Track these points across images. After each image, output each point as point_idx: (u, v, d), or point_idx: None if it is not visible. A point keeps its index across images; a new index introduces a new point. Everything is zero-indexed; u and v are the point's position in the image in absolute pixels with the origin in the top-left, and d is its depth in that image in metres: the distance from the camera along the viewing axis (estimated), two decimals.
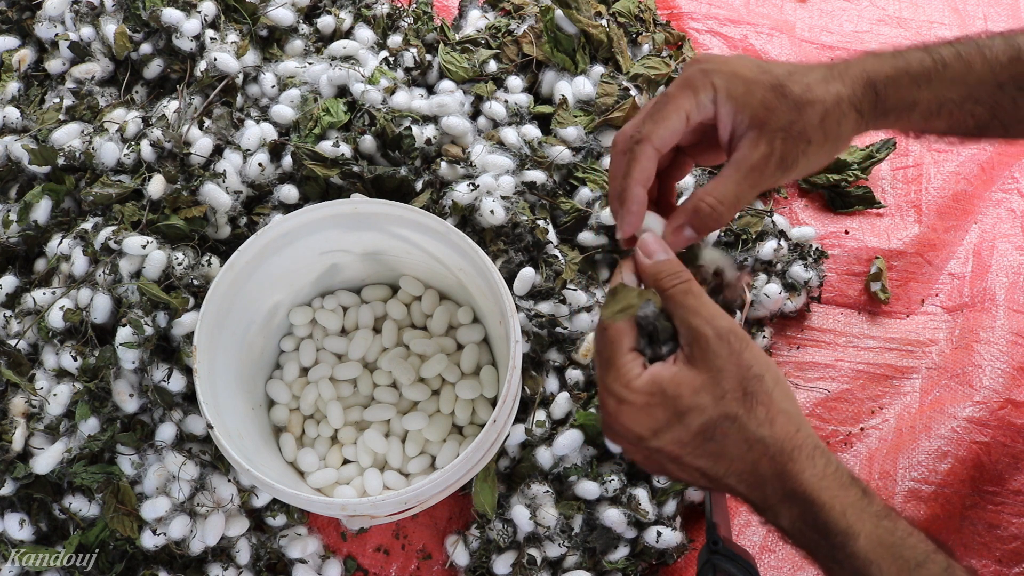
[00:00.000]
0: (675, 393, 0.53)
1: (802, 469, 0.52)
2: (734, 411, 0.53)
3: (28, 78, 1.01)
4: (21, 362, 0.84)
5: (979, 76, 0.58)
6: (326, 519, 0.88)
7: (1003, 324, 0.93)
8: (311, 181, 0.91)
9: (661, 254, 0.57)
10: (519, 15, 1.03)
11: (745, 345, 0.54)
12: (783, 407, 0.54)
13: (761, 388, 0.53)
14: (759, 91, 0.57)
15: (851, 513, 0.52)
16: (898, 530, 0.53)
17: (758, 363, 0.54)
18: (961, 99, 0.59)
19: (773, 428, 0.53)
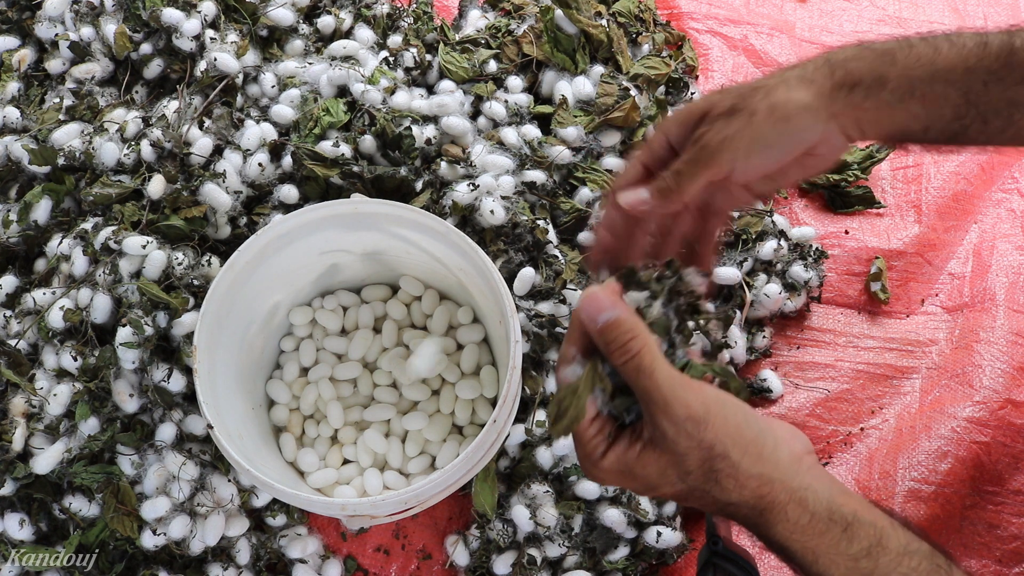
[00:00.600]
0: (642, 473, 0.54)
1: (774, 523, 0.53)
2: (701, 486, 0.54)
3: (28, 78, 1.01)
4: (21, 362, 0.84)
5: (947, 58, 0.57)
6: (326, 519, 0.88)
7: (1003, 324, 0.93)
8: (311, 181, 0.91)
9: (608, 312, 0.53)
10: (519, 15, 1.03)
11: (704, 427, 0.52)
12: (754, 472, 0.53)
13: (726, 464, 0.53)
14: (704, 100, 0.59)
15: (823, 560, 0.53)
16: (878, 569, 0.53)
17: (721, 439, 0.52)
18: (929, 77, 0.57)
19: (743, 493, 0.53)
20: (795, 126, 0.57)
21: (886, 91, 0.57)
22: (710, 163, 0.57)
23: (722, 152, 0.57)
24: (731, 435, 0.53)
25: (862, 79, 0.57)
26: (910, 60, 0.57)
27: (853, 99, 0.58)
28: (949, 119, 0.58)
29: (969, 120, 0.58)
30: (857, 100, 0.58)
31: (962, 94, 0.57)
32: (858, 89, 0.57)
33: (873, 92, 0.58)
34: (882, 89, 0.57)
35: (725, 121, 0.57)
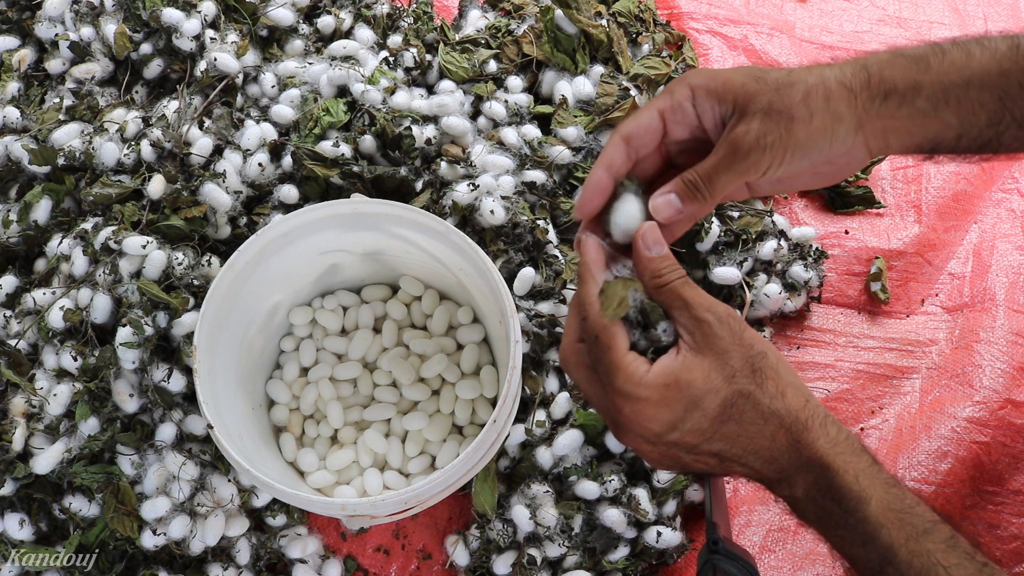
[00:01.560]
0: (688, 380, 0.54)
1: (816, 437, 0.54)
2: (747, 388, 0.54)
3: (28, 78, 1.01)
4: (21, 362, 0.84)
5: (980, 61, 0.57)
6: (326, 519, 0.88)
7: (1003, 324, 0.93)
8: (311, 181, 0.91)
9: (659, 247, 0.57)
10: (519, 15, 1.03)
11: (744, 327, 0.55)
12: (790, 380, 0.55)
13: (767, 364, 0.55)
14: (738, 79, 0.57)
15: (863, 478, 0.54)
16: (906, 498, 0.54)
17: (759, 342, 0.55)
18: (964, 82, 0.57)
19: (785, 400, 0.54)
20: (832, 138, 0.57)
21: (921, 98, 0.57)
22: (749, 171, 0.57)
23: (762, 161, 0.57)
24: (765, 341, 0.56)
25: (896, 87, 0.57)
26: (944, 66, 0.57)
27: (887, 109, 0.57)
28: (983, 126, 0.58)
29: (1004, 126, 0.58)
30: (890, 110, 0.57)
31: (997, 99, 0.57)
32: (892, 97, 0.57)
33: (907, 100, 0.57)
34: (917, 96, 0.57)
35: (763, 123, 0.56)
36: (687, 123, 0.60)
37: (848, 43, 1.12)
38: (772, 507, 0.88)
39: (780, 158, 0.57)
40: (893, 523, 0.53)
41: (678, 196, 0.58)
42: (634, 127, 0.59)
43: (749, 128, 0.56)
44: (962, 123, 0.58)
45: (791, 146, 0.57)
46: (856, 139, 0.58)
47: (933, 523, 0.53)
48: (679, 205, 0.58)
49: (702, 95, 0.58)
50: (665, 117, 0.59)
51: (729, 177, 0.57)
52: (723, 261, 0.93)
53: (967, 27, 1.13)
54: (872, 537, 0.53)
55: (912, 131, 0.58)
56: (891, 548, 0.53)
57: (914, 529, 0.53)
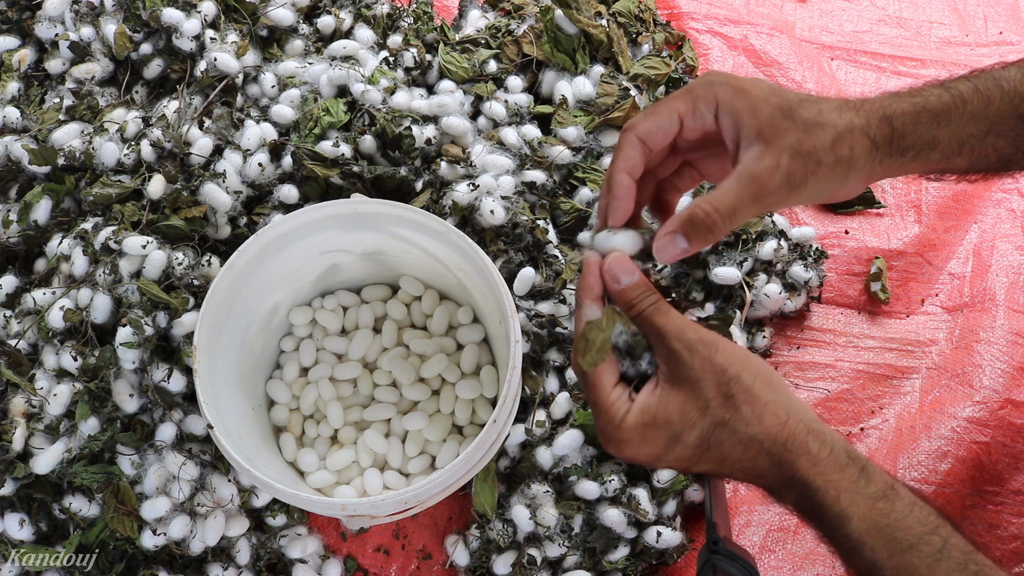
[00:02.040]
0: (665, 417, 0.55)
1: (797, 457, 0.54)
2: (722, 417, 0.54)
3: (28, 78, 1.01)
4: (21, 362, 0.84)
5: (999, 110, 0.57)
6: (326, 519, 0.88)
7: (1003, 324, 0.93)
8: (311, 181, 0.91)
9: (627, 277, 0.56)
10: (519, 15, 1.04)
11: (715, 350, 0.54)
12: (768, 399, 0.55)
13: (740, 388, 0.54)
14: (766, 109, 0.55)
15: (844, 497, 0.53)
16: (894, 512, 0.53)
17: (732, 364, 0.54)
18: (983, 134, 0.57)
19: (763, 424, 0.54)
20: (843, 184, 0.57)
21: (935, 152, 0.58)
22: (772, 207, 0.56)
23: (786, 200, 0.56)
24: (740, 361, 0.55)
25: (914, 145, 0.57)
26: (964, 119, 0.57)
27: (902, 163, 0.58)
28: (994, 163, 0.59)
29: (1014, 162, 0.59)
30: (905, 163, 0.58)
31: (1011, 143, 0.58)
32: (909, 153, 0.58)
33: (923, 155, 0.58)
34: (932, 151, 0.58)
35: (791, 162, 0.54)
36: (704, 128, 0.58)
37: (848, 43, 1.12)
38: (772, 507, 0.88)
39: (799, 197, 0.56)
40: (876, 540, 0.53)
41: (685, 237, 0.55)
42: (652, 127, 0.58)
43: (778, 165, 0.54)
44: (973, 164, 0.59)
45: (816, 189, 0.56)
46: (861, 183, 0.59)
47: (921, 536, 0.53)
48: (685, 245, 0.55)
49: (726, 110, 0.56)
50: (684, 120, 0.58)
51: (748, 213, 0.55)
52: (723, 261, 0.93)
53: (967, 27, 1.13)
54: (855, 552, 0.53)
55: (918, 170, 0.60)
56: (875, 563, 0.53)
57: (899, 545, 0.53)
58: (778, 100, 0.56)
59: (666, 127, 0.58)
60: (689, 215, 0.55)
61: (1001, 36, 1.13)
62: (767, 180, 0.54)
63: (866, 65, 1.10)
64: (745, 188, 0.55)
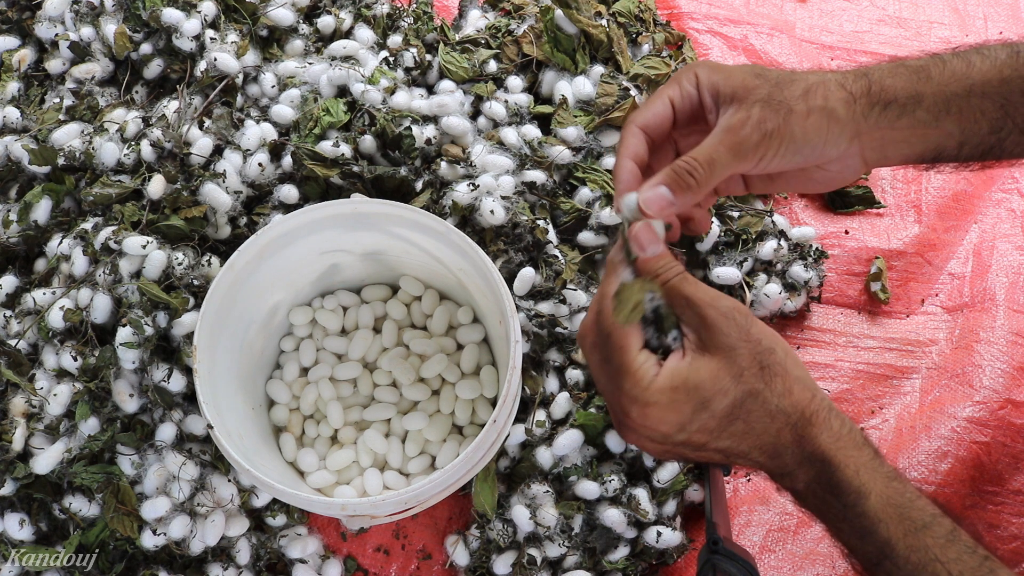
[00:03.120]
0: (696, 382, 0.54)
1: (819, 432, 0.54)
2: (755, 387, 0.54)
3: (28, 78, 1.01)
4: (21, 362, 0.84)
5: (981, 70, 0.57)
6: (326, 519, 0.88)
7: (1003, 324, 0.93)
8: (311, 181, 0.91)
9: (654, 246, 0.57)
10: (519, 15, 1.03)
11: (751, 321, 0.55)
12: (797, 375, 0.55)
13: (775, 360, 0.54)
14: (740, 75, 0.58)
15: (864, 472, 0.54)
16: (907, 492, 0.54)
17: (766, 336, 0.55)
18: (966, 92, 0.57)
19: (792, 397, 0.54)
20: (826, 137, 0.57)
21: (921, 109, 0.57)
22: (747, 158, 0.57)
23: (759, 149, 0.57)
24: (772, 335, 0.55)
25: (897, 97, 0.57)
26: (944, 76, 0.57)
27: (886, 119, 0.57)
28: (985, 133, 0.58)
29: (1006, 132, 0.58)
30: (890, 120, 0.57)
31: (999, 107, 0.57)
32: (892, 107, 0.57)
33: (908, 111, 0.57)
34: (917, 107, 0.57)
35: (761, 111, 0.57)
36: (693, 111, 0.60)
37: (848, 43, 1.12)
38: (772, 507, 0.88)
39: (776, 148, 0.57)
40: (892, 518, 0.53)
41: (669, 188, 0.57)
42: (649, 116, 0.60)
43: (749, 116, 0.56)
44: (964, 132, 0.58)
45: (787, 138, 0.57)
46: (851, 147, 0.58)
47: (933, 517, 0.53)
48: (670, 197, 0.57)
49: (706, 84, 0.59)
50: (675, 104, 0.60)
51: (725, 162, 0.57)
52: (723, 261, 0.93)
53: (967, 27, 1.13)
54: (870, 531, 0.53)
55: (912, 142, 0.59)
56: (889, 542, 0.53)
57: (913, 524, 0.53)
58: (751, 68, 0.59)
59: (661, 112, 0.60)
60: (671, 168, 0.57)
61: (1001, 36, 1.13)
62: (739, 129, 0.56)
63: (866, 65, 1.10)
64: (721, 139, 0.57)
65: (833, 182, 0.62)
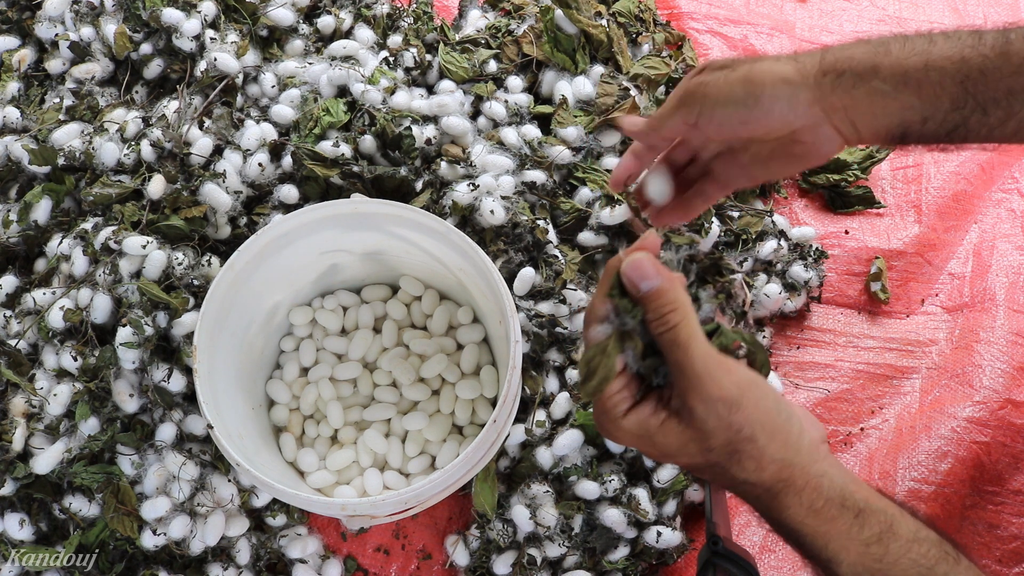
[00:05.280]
0: (662, 441, 0.54)
1: (788, 506, 0.54)
2: (720, 462, 0.53)
3: (28, 78, 1.01)
4: (21, 362, 0.84)
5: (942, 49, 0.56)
6: (326, 519, 0.88)
7: (1003, 324, 0.93)
8: (311, 181, 0.91)
9: (652, 280, 0.52)
10: (519, 15, 1.03)
11: (736, 410, 0.52)
12: (778, 457, 0.53)
13: (752, 447, 0.53)
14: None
15: (834, 544, 0.53)
16: (888, 555, 0.53)
17: (750, 424, 0.52)
18: (923, 66, 0.56)
19: (761, 474, 0.53)
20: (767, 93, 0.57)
21: (877, 79, 0.56)
22: (681, 103, 0.60)
23: (693, 96, 0.59)
24: (761, 420, 0.52)
25: (852, 67, 0.57)
26: (904, 51, 0.57)
27: (840, 86, 0.57)
28: (947, 109, 0.57)
29: (968, 111, 0.56)
30: (845, 87, 0.57)
31: (958, 83, 0.56)
32: (846, 75, 0.57)
33: (864, 80, 0.56)
34: (873, 77, 0.56)
35: (708, 73, 0.59)
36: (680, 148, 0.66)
37: None
38: None
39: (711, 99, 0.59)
40: None
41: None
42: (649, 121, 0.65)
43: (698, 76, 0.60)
44: (924, 106, 0.57)
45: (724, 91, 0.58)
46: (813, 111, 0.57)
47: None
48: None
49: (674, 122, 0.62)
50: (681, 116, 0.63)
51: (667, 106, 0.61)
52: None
53: None
54: None
55: (875, 112, 0.57)
56: None
57: None
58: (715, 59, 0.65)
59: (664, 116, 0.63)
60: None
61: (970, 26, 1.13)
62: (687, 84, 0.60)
63: None
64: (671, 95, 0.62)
65: (814, 154, 0.60)
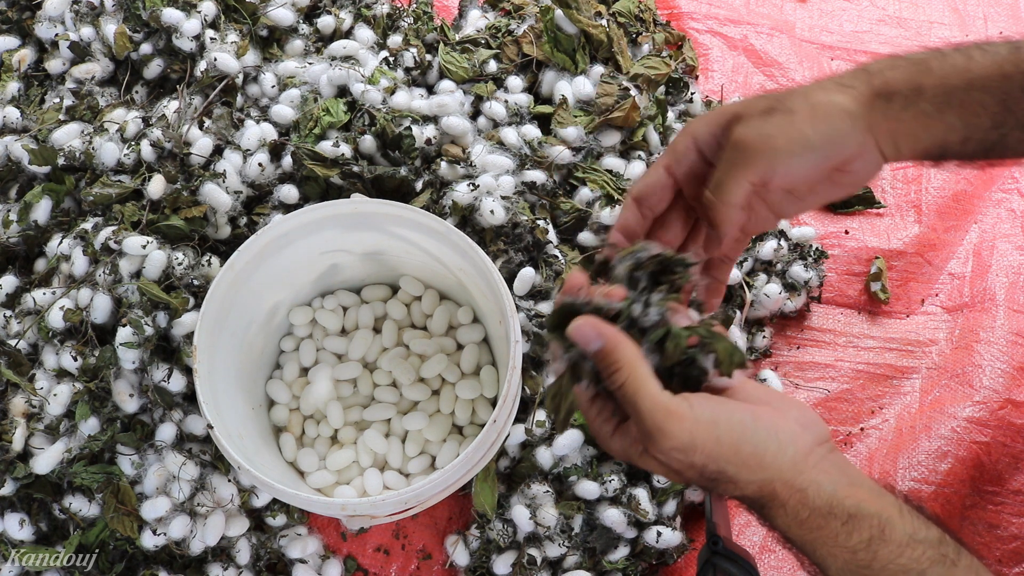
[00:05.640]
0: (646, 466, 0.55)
1: (775, 516, 0.55)
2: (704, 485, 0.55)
3: (28, 78, 1.01)
4: (21, 362, 0.84)
5: (982, 65, 0.56)
6: (326, 519, 0.88)
7: (1003, 324, 0.93)
8: (311, 181, 0.91)
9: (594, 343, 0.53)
10: (519, 15, 1.04)
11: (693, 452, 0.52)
12: (754, 479, 0.54)
13: (723, 476, 0.54)
14: (731, 105, 0.58)
15: (822, 550, 0.54)
16: (876, 560, 0.53)
17: (713, 461, 0.53)
18: (966, 85, 0.56)
19: (744, 492, 0.55)
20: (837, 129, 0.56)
21: (923, 101, 0.56)
22: (750, 163, 0.55)
23: (762, 151, 0.55)
24: (724, 455, 0.53)
25: (899, 89, 0.56)
26: (945, 69, 0.56)
27: (891, 110, 0.56)
28: (988, 128, 0.57)
29: (1008, 128, 0.57)
30: (895, 111, 0.56)
31: (999, 101, 0.56)
32: (896, 99, 0.56)
33: (911, 102, 0.56)
34: (919, 99, 0.56)
35: (762, 119, 0.55)
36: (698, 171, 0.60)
37: (848, 43, 1.12)
38: None
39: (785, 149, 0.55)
40: None
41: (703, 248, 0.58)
42: (643, 186, 0.60)
43: (749, 125, 0.56)
44: (966, 126, 0.57)
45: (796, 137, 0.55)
46: (867, 139, 0.57)
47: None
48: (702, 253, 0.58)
49: (702, 133, 0.58)
50: (672, 170, 0.60)
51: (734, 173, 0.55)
52: None
53: (967, 27, 1.13)
54: None
55: (919, 134, 0.57)
56: None
57: None
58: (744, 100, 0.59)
59: (655, 182, 0.60)
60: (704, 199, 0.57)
61: (1001, 36, 1.13)
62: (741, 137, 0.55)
63: None
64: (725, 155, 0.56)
65: (859, 181, 0.60)
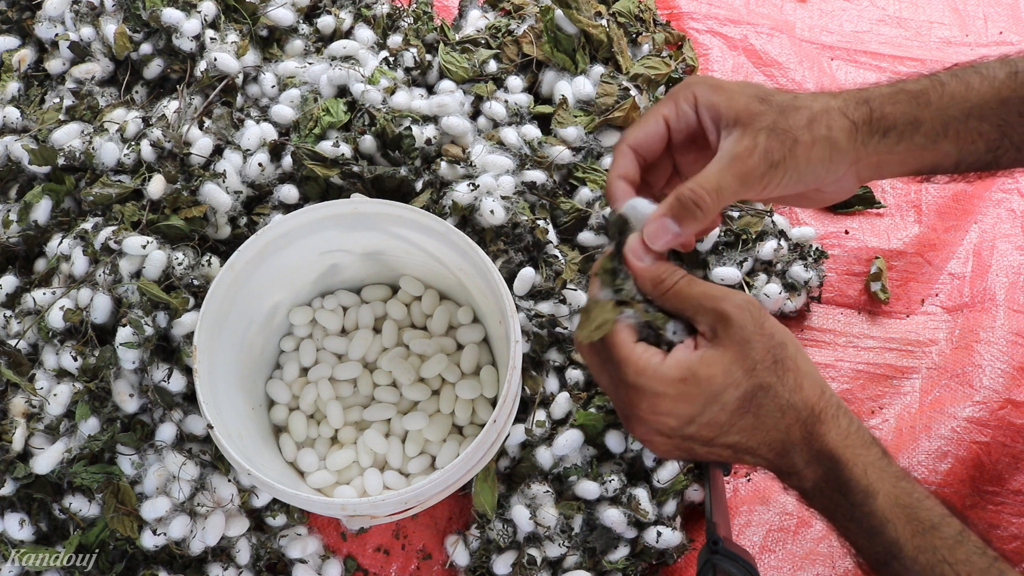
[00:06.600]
0: (707, 375, 0.54)
1: (828, 430, 0.54)
2: (767, 380, 0.54)
3: (28, 78, 1.01)
4: (21, 362, 0.84)
5: (979, 92, 0.57)
6: (326, 519, 0.88)
7: (1003, 324, 0.93)
8: (311, 181, 0.91)
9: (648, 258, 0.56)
10: (519, 15, 1.04)
11: (764, 315, 0.55)
12: (807, 371, 0.55)
13: (787, 355, 0.54)
14: (742, 98, 0.57)
15: (871, 472, 0.54)
16: (915, 492, 0.54)
17: (779, 331, 0.55)
18: (964, 115, 0.57)
19: (802, 393, 0.54)
20: (828, 166, 0.57)
21: (919, 135, 0.57)
22: (753, 187, 0.56)
23: (765, 178, 0.56)
24: (784, 330, 0.55)
25: (896, 124, 0.57)
26: (943, 100, 0.57)
27: (884, 145, 0.57)
28: (982, 152, 0.58)
29: (1002, 151, 0.58)
30: (888, 146, 0.57)
31: (996, 127, 0.57)
32: (891, 134, 0.57)
33: (906, 137, 0.57)
34: (915, 133, 0.57)
35: (768, 140, 0.56)
36: (689, 130, 0.60)
37: (848, 43, 1.12)
38: (772, 507, 0.88)
39: (781, 177, 0.57)
40: (900, 518, 0.53)
41: (674, 219, 0.56)
42: (640, 134, 0.60)
43: (755, 144, 0.56)
44: (961, 152, 0.58)
45: (791, 168, 0.56)
46: (849, 171, 0.58)
47: (942, 518, 0.53)
48: (676, 229, 0.56)
49: (704, 103, 0.58)
50: (669, 123, 0.60)
51: (732, 191, 0.56)
52: (723, 261, 0.93)
53: (967, 27, 1.13)
54: (878, 531, 0.53)
55: (907, 162, 0.59)
56: (896, 543, 0.53)
57: (921, 524, 0.53)
58: (754, 90, 0.58)
59: (654, 132, 0.60)
60: (676, 197, 0.56)
61: (1001, 36, 1.13)
62: (746, 158, 0.56)
63: (866, 65, 1.10)
64: (726, 167, 0.56)
65: (827, 201, 0.63)
